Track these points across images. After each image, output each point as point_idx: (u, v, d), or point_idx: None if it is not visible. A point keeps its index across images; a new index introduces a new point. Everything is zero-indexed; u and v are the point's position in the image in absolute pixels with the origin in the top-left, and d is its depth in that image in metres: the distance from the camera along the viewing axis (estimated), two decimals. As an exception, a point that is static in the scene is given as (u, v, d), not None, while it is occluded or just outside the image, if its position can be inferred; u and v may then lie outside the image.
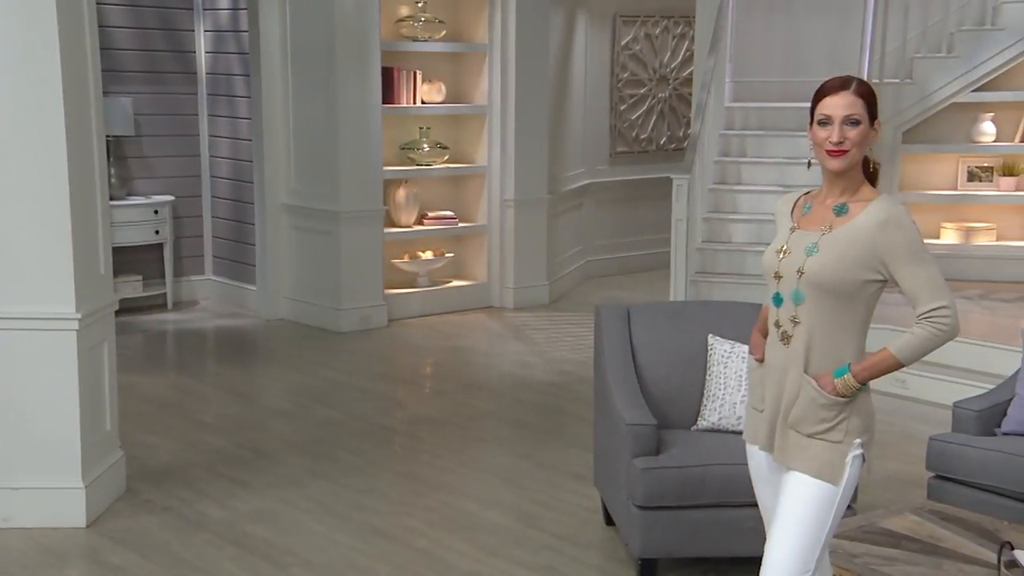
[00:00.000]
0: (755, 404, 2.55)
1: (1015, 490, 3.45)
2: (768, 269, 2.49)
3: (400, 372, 6.23)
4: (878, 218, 2.35)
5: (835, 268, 2.34)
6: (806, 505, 2.40)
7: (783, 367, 2.44)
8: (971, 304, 6.45)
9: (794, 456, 2.42)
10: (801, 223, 2.45)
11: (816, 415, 2.39)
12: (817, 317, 2.37)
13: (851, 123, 2.35)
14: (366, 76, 6.82)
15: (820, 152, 2.40)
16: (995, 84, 6.83)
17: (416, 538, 3.82)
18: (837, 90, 2.40)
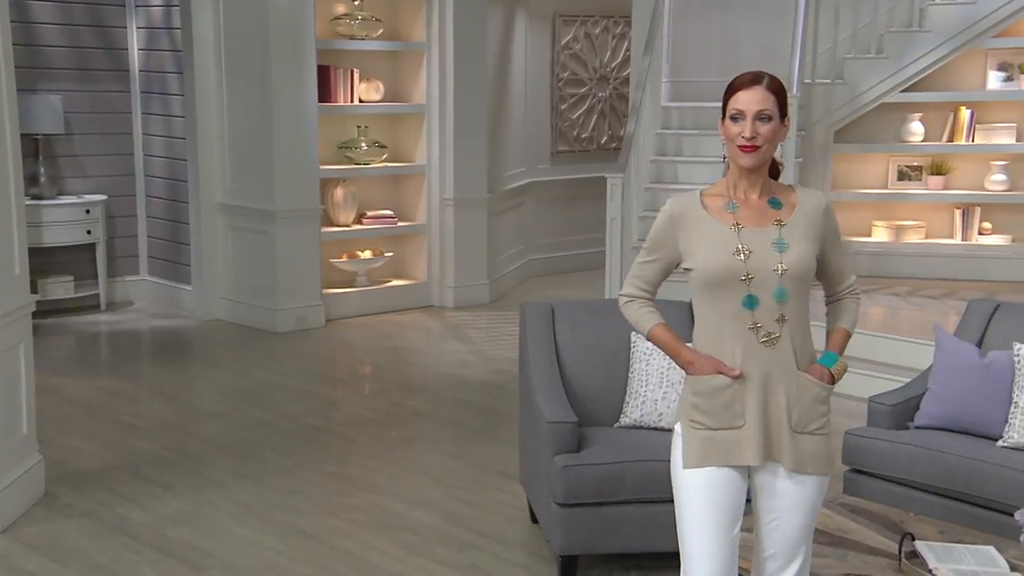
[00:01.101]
0: (727, 423, 2.36)
1: (925, 482, 3.52)
2: (730, 273, 2.35)
3: (336, 372, 6.19)
4: (820, 204, 2.45)
5: (809, 258, 2.39)
6: (818, 503, 2.45)
7: (766, 372, 2.35)
8: (900, 301, 6.57)
9: (811, 459, 2.38)
10: (743, 221, 2.38)
11: (816, 411, 2.39)
12: (797, 311, 2.39)
13: (763, 119, 2.35)
14: (301, 74, 6.76)
15: (732, 148, 2.39)
16: (923, 85, 6.97)
17: (340, 538, 3.80)
18: (749, 85, 2.39)
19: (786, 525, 2.43)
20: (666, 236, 2.45)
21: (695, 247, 2.40)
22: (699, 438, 2.39)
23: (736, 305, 2.36)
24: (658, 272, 2.51)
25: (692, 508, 2.39)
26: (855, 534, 2.97)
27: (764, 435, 2.36)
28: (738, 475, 2.39)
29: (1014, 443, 3.48)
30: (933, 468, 3.50)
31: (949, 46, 6.75)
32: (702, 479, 2.37)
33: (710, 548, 2.37)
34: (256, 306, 6.96)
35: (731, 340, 2.37)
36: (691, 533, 2.40)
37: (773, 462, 2.38)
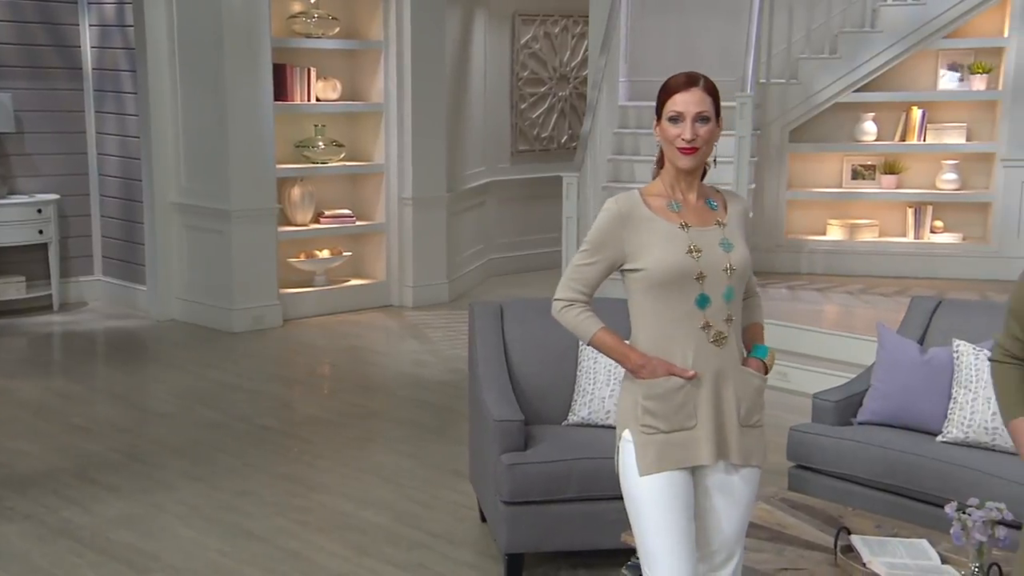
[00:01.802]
0: (680, 424, 2.36)
1: (867, 478, 3.56)
2: (685, 272, 2.34)
3: (291, 373, 6.15)
4: (745, 206, 2.52)
5: (748, 258, 2.43)
6: (755, 497, 2.48)
7: (719, 371, 2.36)
8: (853, 299, 6.64)
9: (755, 452, 2.42)
10: (689, 221, 2.38)
11: (759, 403, 2.44)
12: (739, 310, 2.42)
13: (702, 120, 2.36)
14: (256, 73, 6.72)
15: (670, 149, 2.38)
16: (875, 85, 7.05)
17: (287, 539, 3.78)
18: (687, 87, 2.39)
19: (727, 522, 2.45)
20: (612, 236, 2.40)
21: (646, 247, 2.36)
22: (653, 443, 2.36)
23: (688, 305, 2.35)
24: (599, 274, 2.44)
25: (653, 514, 2.37)
26: (794, 529, 3.00)
27: (717, 433, 2.37)
28: (689, 475, 2.40)
29: (952, 438, 3.53)
30: (874, 464, 3.54)
31: (900, 46, 6.84)
32: (659, 484, 2.36)
33: (676, 551, 2.37)
34: (212, 306, 6.91)
35: (682, 341, 2.36)
36: (655, 538, 2.37)
37: (725, 460, 2.40)
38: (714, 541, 2.46)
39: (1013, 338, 2.04)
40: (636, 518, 2.42)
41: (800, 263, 7.34)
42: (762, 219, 7.31)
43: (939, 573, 2.66)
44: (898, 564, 2.68)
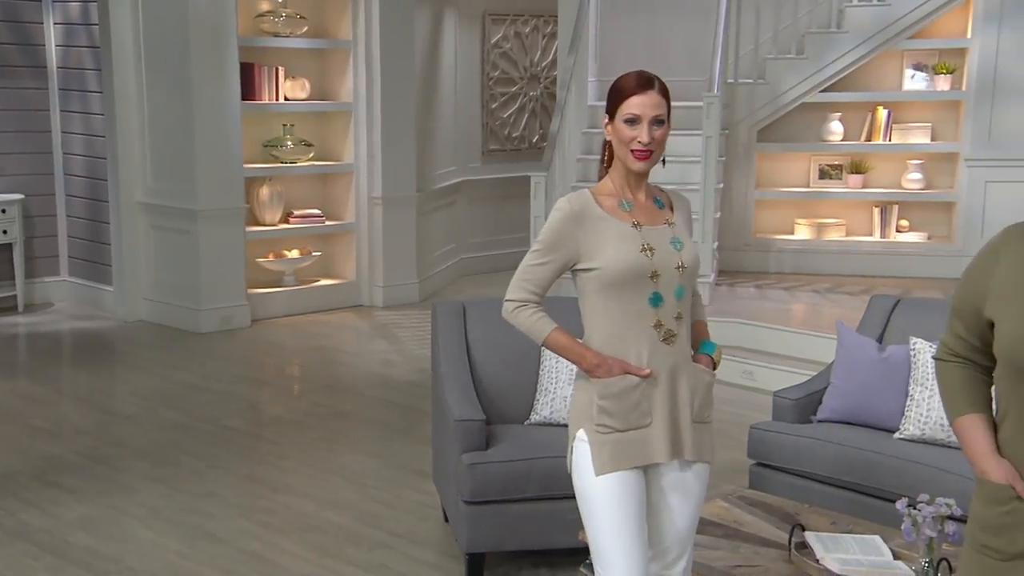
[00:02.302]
0: (635, 423, 2.36)
1: (825, 475, 3.59)
2: (639, 271, 2.34)
3: (259, 373, 6.12)
4: (689, 206, 2.55)
5: (698, 256, 2.45)
6: (704, 492, 2.49)
7: (672, 369, 2.38)
8: (820, 297, 6.69)
9: (704, 448, 2.43)
10: (640, 220, 2.39)
11: (710, 399, 2.45)
12: (688, 308, 2.44)
13: (657, 123, 2.36)
14: (223, 72, 6.68)
15: (624, 150, 2.38)
16: (842, 85, 7.11)
17: (248, 541, 3.77)
18: (644, 89, 2.39)
19: (679, 519, 2.46)
20: (566, 236, 2.38)
21: (600, 246, 2.36)
22: (609, 442, 2.36)
23: (641, 304, 2.35)
24: (552, 274, 2.43)
25: (607, 513, 2.36)
26: (750, 526, 3.02)
27: (672, 430, 2.38)
28: (642, 473, 2.41)
29: (909, 435, 3.56)
30: (833, 461, 3.56)
31: (866, 47, 6.89)
32: (614, 483, 2.35)
33: (630, 550, 2.36)
34: (179, 306, 6.87)
35: (635, 340, 2.36)
36: (610, 538, 2.37)
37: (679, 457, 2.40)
38: (667, 539, 2.47)
39: (957, 337, 2.05)
40: (589, 517, 2.42)
41: (768, 262, 7.38)
42: (731, 219, 7.35)
43: (890, 568, 2.68)
44: (851, 560, 2.70)
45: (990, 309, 1.96)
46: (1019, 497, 1.89)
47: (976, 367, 2.04)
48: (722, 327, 6.01)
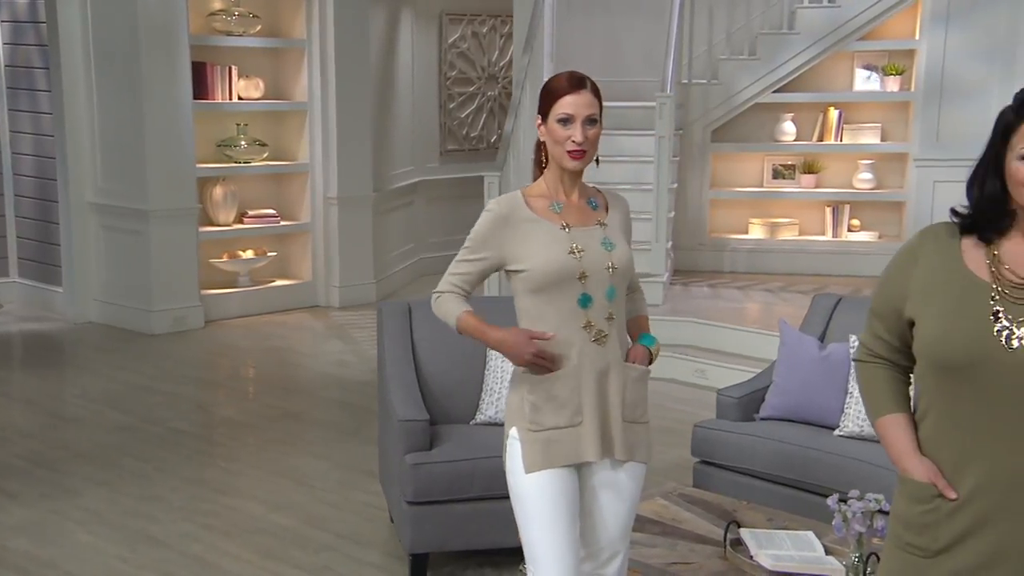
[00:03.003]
0: (566, 422, 2.37)
1: (767, 472, 3.62)
2: (567, 273, 2.35)
3: (210, 375, 6.07)
4: (626, 206, 2.54)
5: (630, 256, 2.45)
6: (639, 493, 2.49)
7: (602, 369, 2.38)
8: (772, 296, 6.76)
9: (636, 447, 2.43)
10: (570, 222, 2.39)
11: (642, 397, 2.45)
12: (622, 307, 2.45)
13: (590, 122, 2.38)
14: (174, 70, 6.62)
15: (558, 150, 2.39)
16: (794, 85, 7.18)
17: (190, 544, 3.73)
18: (577, 89, 2.40)
19: (612, 518, 2.47)
20: (492, 237, 2.41)
21: (528, 248, 2.37)
22: (539, 440, 2.38)
23: (570, 305, 2.36)
24: (478, 273, 2.45)
25: (538, 511, 2.38)
26: (688, 524, 3.04)
27: (602, 430, 2.39)
28: (574, 472, 2.41)
29: (848, 432, 3.61)
30: (774, 458, 3.60)
31: (817, 48, 6.97)
32: (545, 481, 2.36)
33: (560, 549, 2.37)
34: (130, 308, 6.79)
35: (566, 340, 2.37)
36: (540, 535, 2.38)
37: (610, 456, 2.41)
38: (600, 538, 2.48)
39: (876, 338, 2.07)
40: (521, 515, 2.43)
41: (723, 262, 7.44)
42: (685, 218, 7.40)
43: (821, 563, 2.72)
44: (783, 556, 2.73)
45: (910, 309, 1.98)
46: (941, 495, 1.91)
47: (896, 367, 2.06)
48: (675, 326, 6.06)
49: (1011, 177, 1.87)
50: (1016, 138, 1.87)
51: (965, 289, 1.91)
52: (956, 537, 1.89)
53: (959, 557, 1.90)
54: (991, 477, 1.86)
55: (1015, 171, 1.86)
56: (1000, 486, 1.86)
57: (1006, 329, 1.86)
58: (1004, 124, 1.91)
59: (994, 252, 1.92)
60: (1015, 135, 1.87)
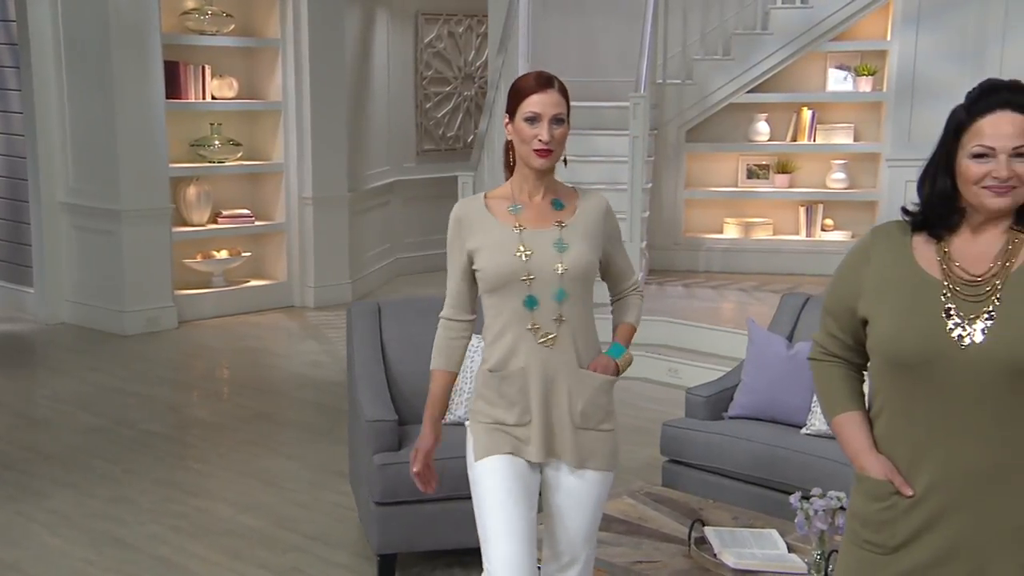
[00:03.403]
0: (517, 420, 2.39)
1: (735, 470, 3.64)
2: (512, 274, 2.36)
3: (183, 376, 6.04)
4: (601, 206, 2.49)
5: (589, 258, 2.42)
6: (601, 500, 2.48)
7: (550, 372, 2.38)
8: (746, 296, 6.78)
9: (590, 455, 2.42)
10: (524, 223, 2.40)
11: (600, 405, 2.43)
12: (578, 310, 2.42)
13: (557, 122, 2.37)
14: (146, 69, 6.58)
15: (525, 149, 2.39)
16: (768, 86, 7.21)
17: (158, 546, 3.71)
18: (544, 88, 2.39)
19: (570, 523, 2.46)
20: (455, 241, 2.45)
21: (481, 249, 2.40)
22: (488, 431, 2.42)
23: (517, 305, 2.37)
24: (460, 281, 2.47)
25: (486, 494, 2.40)
26: (653, 522, 3.05)
27: (547, 433, 2.39)
28: (528, 464, 2.42)
29: (815, 430, 3.63)
30: (741, 457, 3.61)
31: (790, 48, 7.00)
32: (492, 465, 2.39)
33: (507, 529, 2.37)
34: (103, 308, 6.74)
35: (515, 340, 2.39)
36: (488, 517, 2.40)
37: (557, 460, 2.42)
38: (560, 542, 2.49)
39: (831, 336, 2.08)
40: (475, 502, 2.46)
41: (698, 261, 7.47)
42: (660, 218, 7.42)
43: (784, 561, 2.73)
44: (746, 554, 2.74)
45: (863, 307, 1.99)
46: (897, 492, 1.92)
47: (850, 365, 2.07)
48: (649, 326, 6.07)
49: (961, 175, 1.89)
50: (967, 137, 1.89)
51: (917, 287, 1.92)
52: (912, 533, 1.91)
53: (915, 553, 1.91)
54: (945, 473, 1.88)
55: (965, 169, 1.88)
56: (954, 482, 1.87)
57: (958, 326, 1.87)
58: (955, 123, 1.93)
59: (945, 249, 1.94)
60: (966, 134, 1.89)
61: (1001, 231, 1.90)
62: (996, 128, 1.85)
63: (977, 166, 1.86)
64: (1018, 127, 1.85)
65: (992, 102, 1.88)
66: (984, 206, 1.88)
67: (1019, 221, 1.90)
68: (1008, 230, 1.90)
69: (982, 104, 1.90)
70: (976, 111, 1.90)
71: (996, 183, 1.85)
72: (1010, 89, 1.90)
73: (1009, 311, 1.84)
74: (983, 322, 1.85)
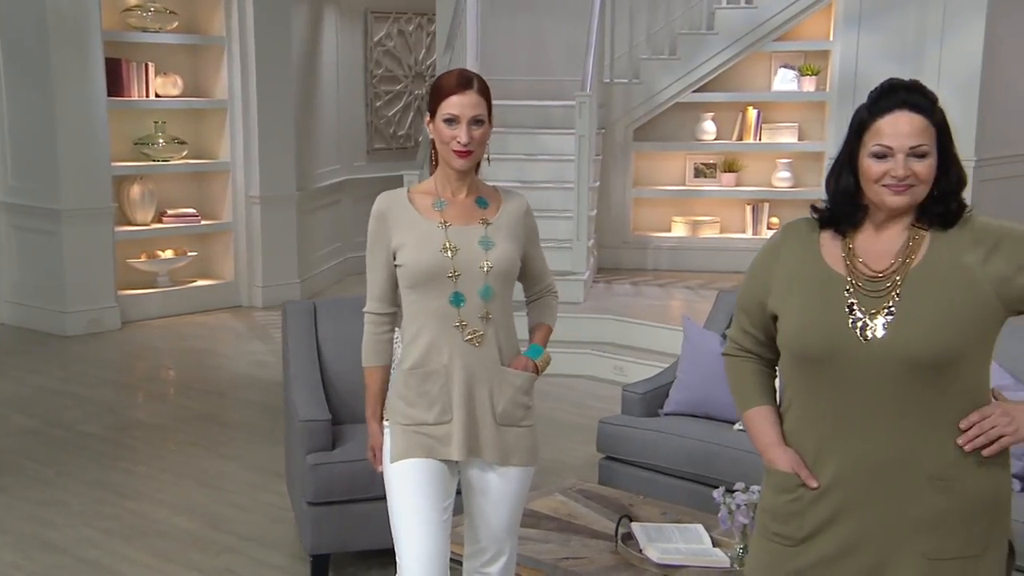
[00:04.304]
0: (436, 419, 2.38)
1: (668, 466, 3.66)
2: (438, 270, 2.35)
3: (124, 377, 5.96)
4: (523, 206, 2.50)
5: (512, 257, 2.43)
6: (523, 495, 2.48)
7: (473, 370, 2.38)
8: (692, 293, 6.84)
9: (512, 452, 2.42)
10: (449, 219, 2.41)
11: (521, 403, 2.43)
12: (502, 308, 2.42)
13: (476, 123, 2.36)
14: (86, 67, 6.48)
15: (445, 150, 2.38)
16: (713, 85, 7.27)
17: (88, 549, 3.66)
18: (462, 89, 2.37)
19: (493, 519, 2.47)
20: (378, 235, 2.43)
21: (404, 244, 2.38)
22: (407, 432, 2.40)
23: (443, 302, 2.36)
24: (383, 276, 2.44)
25: (400, 496, 2.40)
26: (583, 519, 3.06)
27: (469, 430, 2.39)
28: (444, 465, 2.42)
29: (747, 426, 3.66)
30: (675, 453, 3.64)
31: (735, 48, 7.07)
32: (407, 468, 2.39)
33: (419, 531, 2.37)
34: (43, 309, 6.64)
35: (439, 338, 2.37)
36: (400, 518, 2.40)
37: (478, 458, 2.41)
38: (481, 538, 2.49)
39: (743, 332, 2.10)
40: (389, 502, 2.45)
41: (646, 259, 7.51)
42: (609, 217, 7.45)
43: (707, 555, 2.75)
44: (671, 549, 2.76)
45: (773, 303, 2.02)
46: (804, 484, 1.95)
47: (762, 360, 2.10)
48: (596, 323, 6.11)
49: (863, 173, 1.92)
50: (868, 136, 1.92)
51: (823, 283, 1.95)
52: (819, 525, 1.93)
53: (821, 545, 1.94)
54: (849, 466, 1.90)
55: (867, 168, 1.91)
56: (858, 474, 1.90)
57: (860, 321, 1.90)
58: (858, 122, 1.96)
59: (849, 246, 1.97)
60: (867, 133, 1.92)
61: (902, 228, 1.94)
62: (894, 128, 1.89)
63: (877, 165, 1.90)
64: (916, 127, 1.89)
65: (891, 102, 1.92)
66: (884, 204, 1.91)
67: (919, 218, 1.94)
68: (909, 227, 1.94)
69: (882, 104, 1.93)
70: (876, 111, 1.93)
71: (895, 182, 1.88)
72: (908, 89, 1.94)
73: (908, 306, 1.87)
74: (884, 317, 1.88)
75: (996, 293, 1.86)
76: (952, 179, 1.93)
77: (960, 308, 1.86)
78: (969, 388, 1.89)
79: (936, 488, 1.87)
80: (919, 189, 1.89)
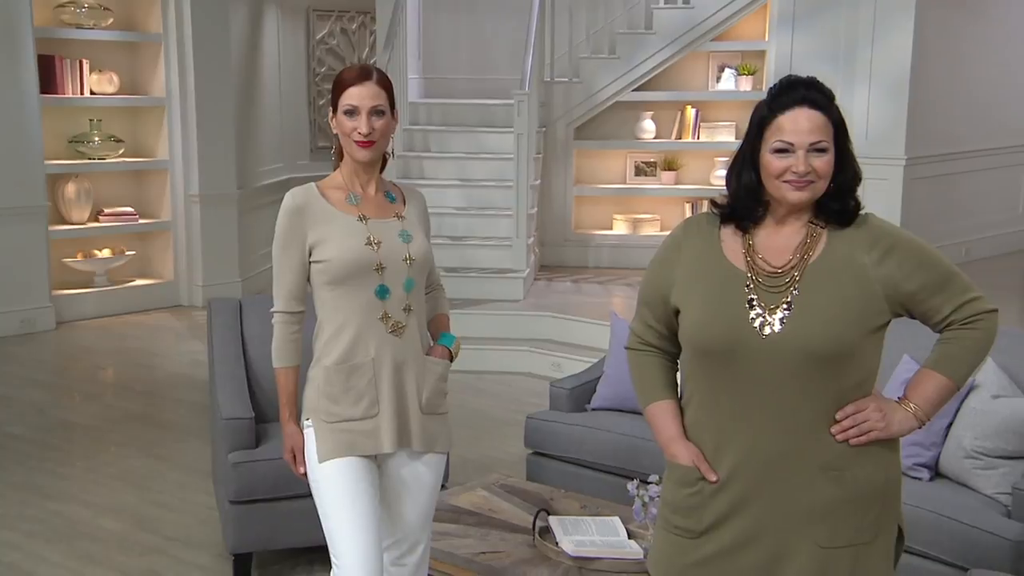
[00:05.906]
0: (362, 413, 2.37)
1: (594, 461, 3.69)
2: (364, 264, 2.35)
3: (55, 378, 5.87)
4: (424, 202, 2.57)
5: (428, 249, 2.47)
6: (439, 482, 2.51)
7: (400, 361, 2.39)
8: (632, 291, 6.87)
9: (436, 439, 2.45)
10: (367, 213, 2.40)
11: (441, 390, 2.47)
12: (420, 299, 2.47)
13: (377, 113, 2.36)
14: (17, 63, 6.37)
15: (348, 142, 2.38)
16: (653, 84, 7.33)
17: (8, 552, 3.60)
18: (360, 81, 2.37)
19: (413, 508, 2.48)
20: (294, 231, 2.39)
21: (325, 240, 2.36)
22: (335, 430, 2.38)
23: (368, 296, 2.37)
24: (296, 274, 2.41)
25: (332, 496, 2.38)
26: (503, 513, 3.07)
27: (398, 421, 2.40)
28: (371, 461, 2.42)
29: (671, 420, 3.70)
30: (601, 447, 3.67)
31: (673, 48, 7.14)
32: (338, 469, 2.36)
33: (356, 529, 2.36)
34: (-26, 310, 6.51)
35: (363, 332, 2.37)
36: (337, 521, 2.38)
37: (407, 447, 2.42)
38: (400, 529, 2.50)
39: (646, 326, 2.12)
40: (319, 503, 2.43)
41: (588, 257, 7.56)
42: (550, 215, 7.48)
43: (622, 547, 2.78)
44: (586, 541, 2.79)
45: (675, 297, 2.04)
46: (703, 478, 1.97)
47: (664, 355, 2.12)
48: (534, 321, 6.13)
49: (765, 169, 1.94)
50: (769, 132, 1.94)
51: (723, 278, 1.97)
52: (718, 518, 1.96)
53: (720, 537, 1.96)
54: (746, 460, 1.93)
55: (767, 164, 1.93)
56: (755, 468, 1.93)
57: (759, 316, 1.92)
58: (759, 118, 1.98)
59: (750, 242, 1.99)
60: (768, 129, 1.95)
61: (801, 224, 1.96)
62: (795, 124, 1.91)
63: (778, 160, 1.92)
64: (815, 123, 1.92)
65: (791, 99, 1.95)
66: (785, 199, 1.93)
67: (818, 215, 1.97)
68: (808, 223, 1.96)
69: (782, 100, 1.96)
70: (776, 107, 1.96)
71: (795, 177, 1.91)
72: (807, 86, 1.97)
73: (805, 302, 1.90)
74: (782, 312, 1.91)
75: (884, 294, 1.90)
76: (849, 175, 1.96)
77: (853, 303, 1.89)
78: (860, 382, 1.93)
79: (828, 478, 1.91)
80: (819, 185, 1.92)
